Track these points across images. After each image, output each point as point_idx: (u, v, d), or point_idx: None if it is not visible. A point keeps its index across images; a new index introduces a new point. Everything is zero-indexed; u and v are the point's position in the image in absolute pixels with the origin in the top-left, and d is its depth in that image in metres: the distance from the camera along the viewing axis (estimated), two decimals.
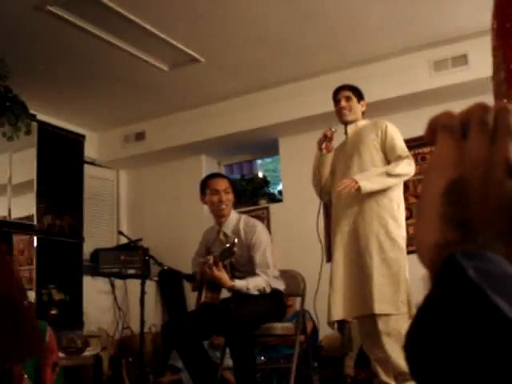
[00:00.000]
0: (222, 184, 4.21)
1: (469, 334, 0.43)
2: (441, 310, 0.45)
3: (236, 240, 3.87)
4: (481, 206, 0.50)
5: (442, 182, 0.52)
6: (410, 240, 3.94)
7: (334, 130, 3.94)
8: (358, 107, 3.97)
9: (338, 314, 3.72)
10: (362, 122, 4.00)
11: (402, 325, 3.54)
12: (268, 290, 4.01)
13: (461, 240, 0.49)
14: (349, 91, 3.95)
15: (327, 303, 3.79)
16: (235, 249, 3.80)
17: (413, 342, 0.46)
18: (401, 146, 3.78)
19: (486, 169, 0.51)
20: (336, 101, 3.98)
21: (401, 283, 3.56)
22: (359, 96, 3.98)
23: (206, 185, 4.25)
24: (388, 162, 3.78)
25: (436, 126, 0.55)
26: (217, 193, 4.15)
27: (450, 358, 0.43)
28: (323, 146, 3.97)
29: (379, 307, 3.51)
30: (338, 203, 3.89)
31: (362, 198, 3.71)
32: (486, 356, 0.41)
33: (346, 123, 3.98)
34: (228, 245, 3.86)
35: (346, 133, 4.00)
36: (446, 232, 0.50)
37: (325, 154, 3.99)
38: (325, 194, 4.11)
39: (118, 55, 5.35)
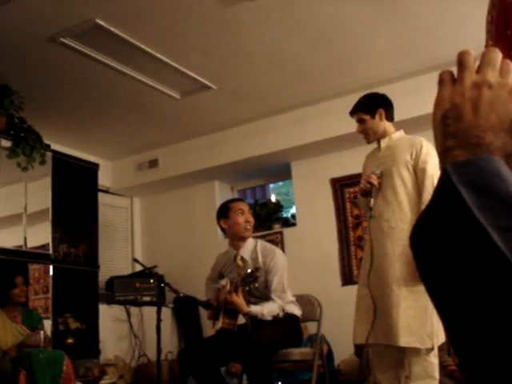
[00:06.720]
0: (247, 206, 4.33)
1: (449, 233, 0.59)
2: (434, 211, 0.63)
3: (259, 265, 3.87)
4: (473, 118, 0.68)
5: (440, 112, 0.71)
6: None
7: (378, 173, 3.65)
8: (375, 122, 3.73)
9: (361, 338, 3.59)
10: (397, 135, 3.77)
11: (427, 356, 3.47)
12: (281, 314, 4.00)
13: (457, 145, 0.67)
14: (358, 113, 3.78)
15: (353, 325, 3.70)
16: (259, 274, 3.79)
17: (417, 235, 0.63)
18: (430, 174, 3.53)
19: (472, 92, 0.69)
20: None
21: (428, 317, 3.42)
22: (371, 109, 3.75)
23: (228, 208, 4.27)
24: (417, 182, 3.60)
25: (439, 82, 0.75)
26: (243, 213, 4.22)
27: (442, 247, 0.60)
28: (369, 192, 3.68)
29: (405, 340, 3.40)
30: (374, 225, 3.69)
31: (394, 224, 3.58)
32: (459, 249, 0.58)
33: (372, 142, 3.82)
34: (250, 270, 3.85)
35: (378, 145, 3.79)
36: (445, 142, 0.68)
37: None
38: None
39: (130, 84, 5.41)
